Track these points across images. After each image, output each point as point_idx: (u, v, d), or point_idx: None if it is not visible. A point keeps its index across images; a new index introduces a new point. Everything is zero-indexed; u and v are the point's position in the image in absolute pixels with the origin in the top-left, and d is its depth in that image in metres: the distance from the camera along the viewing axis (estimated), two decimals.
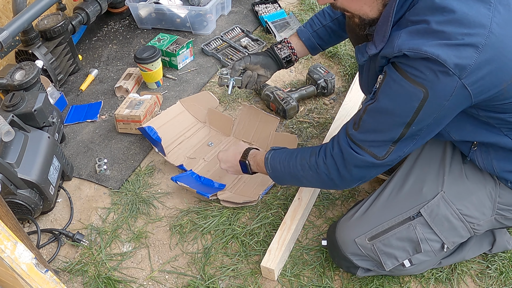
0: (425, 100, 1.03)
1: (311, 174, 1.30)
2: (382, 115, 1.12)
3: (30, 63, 1.88)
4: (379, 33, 1.10)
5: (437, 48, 0.97)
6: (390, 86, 1.07)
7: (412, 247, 1.28)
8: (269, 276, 1.47)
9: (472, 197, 1.27)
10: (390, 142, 1.14)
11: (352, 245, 1.32)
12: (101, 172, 1.82)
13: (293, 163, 1.34)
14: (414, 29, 1.02)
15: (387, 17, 1.07)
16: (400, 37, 1.03)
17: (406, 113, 1.07)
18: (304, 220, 1.62)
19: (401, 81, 1.04)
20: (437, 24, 0.99)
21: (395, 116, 1.10)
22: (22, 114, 1.64)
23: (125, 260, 1.57)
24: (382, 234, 1.29)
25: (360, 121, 1.17)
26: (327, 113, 1.95)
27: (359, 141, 1.18)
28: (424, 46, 0.98)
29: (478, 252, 1.47)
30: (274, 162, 1.40)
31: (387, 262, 1.30)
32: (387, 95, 1.09)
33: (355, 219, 1.35)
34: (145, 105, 1.94)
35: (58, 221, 1.69)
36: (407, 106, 1.06)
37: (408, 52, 1.00)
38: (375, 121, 1.14)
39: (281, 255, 1.46)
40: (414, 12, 1.04)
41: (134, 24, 2.56)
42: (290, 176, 1.37)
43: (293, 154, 1.36)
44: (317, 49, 1.61)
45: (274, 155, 1.41)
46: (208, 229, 1.61)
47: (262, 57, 1.59)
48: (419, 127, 1.10)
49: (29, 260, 0.86)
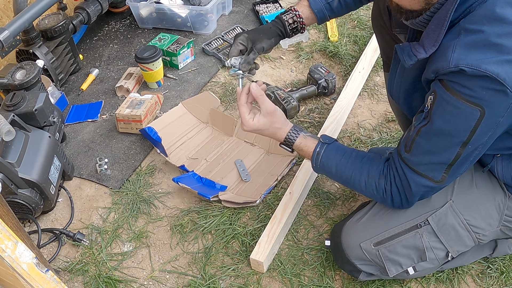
0: (482, 118, 0.99)
1: (374, 194, 1.24)
2: (438, 136, 1.07)
3: (31, 63, 1.88)
4: (430, 36, 1.02)
5: (497, 66, 0.93)
6: (444, 107, 1.02)
7: (417, 255, 1.27)
8: (258, 268, 1.49)
9: (480, 207, 1.26)
10: (446, 164, 1.10)
11: (357, 249, 1.31)
12: (101, 171, 1.82)
13: (356, 176, 1.26)
14: (470, 41, 0.96)
15: (442, 21, 1.00)
16: (456, 50, 0.97)
17: (462, 133, 1.03)
18: (295, 214, 1.63)
19: (454, 102, 1.00)
20: (496, 37, 0.94)
21: (451, 137, 1.06)
22: (23, 113, 1.64)
23: (126, 260, 1.57)
24: (388, 241, 1.28)
25: (413, 143, 1.12)
26: (328, 113, 1.95)
27: (414, 165, 1.14)
28: (483, 64, 0.93)
29: (479, 257, 1.47)
30: (328, 162, 1.30)
31: (391, 268, 1.29)
32: (441, 116, 1.04)
33: (362, 224, 1.33)
34: (146, 104, 1.94)
35: (59, 220, 1.69)
36: (464, 125, 1.02)
37: (467, 68, 0.95)
38: (430, 143, 1.09)
39: (271, 248, 1.47)
40: (470, 20, 0.98)
41: (135, 23, 2.56)
42: (343, 182, 1.32)
43: (356, 166, 1.26)
44: (326, 19, 1.51)
45: (329, 153, 1.30)
46: (209, 229, 1.61)
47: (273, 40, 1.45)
48: (475, 146, 1.06)
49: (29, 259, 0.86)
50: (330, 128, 1.85)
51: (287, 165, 1.77)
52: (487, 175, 1.27)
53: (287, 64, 2.27)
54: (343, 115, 1.94)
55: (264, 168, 1.79)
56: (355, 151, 1.30)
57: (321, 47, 2.31)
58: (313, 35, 2.41)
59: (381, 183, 1.22)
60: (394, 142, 1.85)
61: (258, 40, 1.42)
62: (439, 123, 1.05)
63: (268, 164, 1.80)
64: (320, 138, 1.34)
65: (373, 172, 1.24)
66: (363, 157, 1.27)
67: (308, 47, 2.33)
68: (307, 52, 2.30)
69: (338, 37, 2.36)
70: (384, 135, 1.89)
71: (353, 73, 2.09)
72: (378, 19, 1.40)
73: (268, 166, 1.79)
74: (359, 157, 1.28)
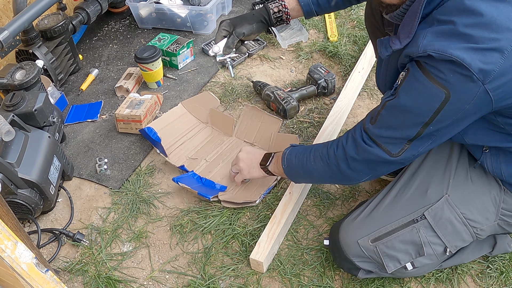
0: (446, 101, 1.02)
1: (322, 165, 1.31)
2: (401, 113, 1.11)
3: (30, 63, 1.88)
4: (405, 28, 1.07)
5: (463, 52, 0.95)
6: (412, 84, 1.06)
7: (415, 250, 1.28)
8: (258, 268, 1.49)
9: (477, 201, 1.27)
10: (405, 140, 1.14)
11: (355, 246, 1.31)
12: (101, 171, 1.82)
13: (307, 156, 1.36)
14: (440, 30, 1.00)
15: (414, 13, 1.04)
16: (426, 37, 1.01)
17: (425, 113, 1.06)
18: (295, 214, 1.63)
19: (423, 80, 1.03)
20: (464, 27, 0.97)
21: (414, 115, 1.09)
22: (23, 113, 1.64)
23: (126, 260, 1.57)
24: (386, 236, 1.28)
25: (378, 116, 1.16)
26: (327, 113, 1.95)
27: (375, 136, 1.17)
28: (449, 49, 0.96)
29: (478, 255, 1.47)
30: (290, 157, 1.42)
31: (389, 264, 1.29)
32: (408, 92, 1.08)
33: (359, 221, 1.34)
34: (146, 104, 1.94)
35: (59, 220, 1.69)
36: (428, 105, 1.05)
37: (433, 53, 0.98)
38: (393, 118, 1.13)
39: (270, 248, 1.47)
40: (442, 11, 1.02)
41: (135, 23, 2.56)
42: (303, 170, 1.39)
43: (309, 148, 1.38)
44: (313, 14, 1.55)
45: (292, 150, 1.44)
46: (209, 229, 1.61)
47: (255, 25, 1.51)
48: (437, 127, 1.09)
49: (29, 259, 0.86)
50: (330, 128, 1.85)
51: None
52: (482, 169, 1.28)
53: (287, 64, 2.27)
54: (343, 115, 1.94)
55: None
56: (317, 144, 1.38)
57: (320, 47, 2.31)
58: (313, 35, 2.41)
59: (330, 150, 1.29)
60: None
61: (238, 25, 1.50)
62: (404, 99, 1.09)
63: None
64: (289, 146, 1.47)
65: (326, 144, 1.33)
66: (322, 143, 1.37)
67: (308, 47, 2.33)
68: (306, 52, 2.30)
69: (338, 37, 2.36)
70: None
71: (352, 73, 2.09)
72: (371, 19, 1.44)
73: None
74: (319, 144, 1.38)
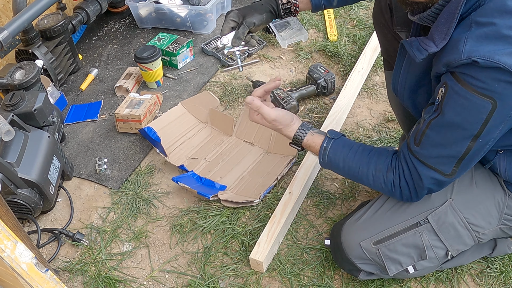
0: (493, 111, 0.98)
1: (382, 187, 1.24)
2: (449, 129, 1.06)
3: (30, 63, 1.88)
4: (440, 30, 1.01)
5: (509, 58, 0.93)
6: (455, 99, 1.01)
7: (417, 254, 1.27)
8: (257, 268, 1.49)
9: (480, 206, 1.26)
10: (456, 157, 1.09)
11: (357, 248, 1.30)
12: (101, 171, 1.82)
13: (363, 170, 1.25)
14: (482, 33, 0.95)
15: (452, 14, 0.98)
16: (467, 43, 0.96)
17: (474, 126, 1.02)
18: (295, 214, 1.63)
19: (466, 94, 0.99)
20: (507, 29, 0.93)
21: (462, 129, 1.04)
22: (22, 113, 1.64)
23: (125, 260, 1.57)
24: (388, 239, 1.28)
25: (423, 136, 1.11)
26: (327, 112, 1.95)
27: (424, 158, 1.13)
28: (496, 55, 0.93)
29: (478, 256, 1.47)
30: (335, 157, 1.29)
31: (391, 267, 1.29)
32: (452, 108, 1.03)
33: (362, 222, 1.33)
34: (145, 104, 1.94)
35: (58, 220, 1.69)
36: (476, 118, 1.01)
37: (479, 60, 0.94)
38: (441, 136, 1.08)
39: (270, 248, 1.47)
40: (481, 13, 0.97)
41: (134, 23, 2.56)
42: (351, 176, 1.32)
43: (363, 160, 1.26)
44: (321, 8, 1.50)
45: (336, 148, 1.29)
46: (208, 229, 1.61)
47: (265, 15, 1.43)
48: (486, 139, 1.05)
49: (29, 259, 0.86)
50: (330, 128, 1.84)
51: (287, 165, 1.77)
52: (487, 174, 1.27)
53: (287, 64, 2.27)
54: (343, 114, 1.94)
55: (264, 167, 1.79)
56: (362, 145, 1.29)
57: (320, 47, 2.31)
58: (312, 34, 2.41)
59: (389, 176, 1.21)
60: (393, 141, 1.85)
61: (248, 15, 1.41)
62: (450, 115, 1.04)
63: (268, 164, 1.80)
64: (327, 133, 1.33)
65: (380, 165, 1.23)
66: (370, 150, 1.27)
67: (308, 47, 2.33)
68: (306, 51, 2.30)
69: (338, 36, 2.36)
70: (383, 135, 1.90)
71: (352, 72, 2.09)
72: (380, 17, 1.40)
73: (268, 166, 1.79)
74: (366, 150, 1.27)
